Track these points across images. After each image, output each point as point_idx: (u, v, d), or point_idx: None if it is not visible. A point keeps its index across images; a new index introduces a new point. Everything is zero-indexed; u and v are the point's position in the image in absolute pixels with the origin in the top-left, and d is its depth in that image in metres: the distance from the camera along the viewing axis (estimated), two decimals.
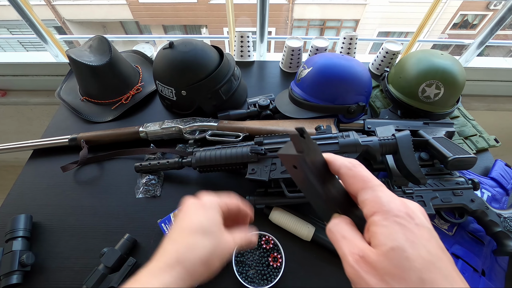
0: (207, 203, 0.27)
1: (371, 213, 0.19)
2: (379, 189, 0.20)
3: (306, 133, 0.20)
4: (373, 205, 0.19)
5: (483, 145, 0.66)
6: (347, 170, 0.21)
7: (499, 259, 0.51)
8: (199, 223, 0.25)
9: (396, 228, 0.17)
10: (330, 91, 0.62)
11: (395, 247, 0.16)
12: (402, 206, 0.18)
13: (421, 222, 0.18)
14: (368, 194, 0.20)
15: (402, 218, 0.17)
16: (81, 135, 0.67)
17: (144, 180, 0.61)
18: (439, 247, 0.17)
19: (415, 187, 0.51)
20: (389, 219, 0.18)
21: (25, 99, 1.12)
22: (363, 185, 0.20)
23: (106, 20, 4.54)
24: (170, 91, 0.68)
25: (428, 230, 0.18)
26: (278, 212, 0.54)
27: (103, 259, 0.47)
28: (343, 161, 0.22)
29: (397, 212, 0.18)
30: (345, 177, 0.21)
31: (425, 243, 0.17)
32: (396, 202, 0.19)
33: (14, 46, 3.75)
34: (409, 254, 0.16)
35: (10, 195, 0.61)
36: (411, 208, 0.19)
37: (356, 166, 0.21)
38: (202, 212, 0.26)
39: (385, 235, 0.17)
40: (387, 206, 0.18)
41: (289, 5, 4.24)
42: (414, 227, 0.17)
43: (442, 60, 0.62)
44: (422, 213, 0.19)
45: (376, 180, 0.20)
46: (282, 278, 0.48)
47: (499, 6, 2.82)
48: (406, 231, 0.17)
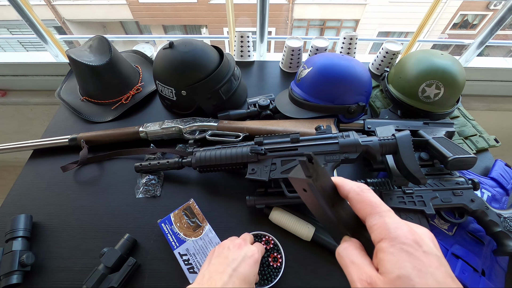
0: (259, 250, 0.40)
1: (379, 239, 0.19)
2: (387, 214, 0.20)
3: (315, 159, 0.21)
4: (380, 231, 0.19)
5: (483, 145, 0.66)
6: (355, 194, 0.22)
7: (499, 259, 0.51)
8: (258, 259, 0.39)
9: (403, 256, 0.17)
10: (330, 91, 0.62)
11: (402, 276, 0.16)
12: (410, 233, 0.18)
13: (429, 249, 0.18)
14: (375, 219, 0.20)
15: (409, 246, 0.18)
16: (81, 135, 0.67)
17: (144, 180, 0.61)
18: (448, 275, 0.17)
19: (415, 187, 0.51)
20: (396, 246, 0.18)
21: (25, 99, 1.12)
22: (371, 210, 0.20)
23: (106, 20, 4.54)
24: (170, 91, 0.68)
25: (437, 258, 0.18)
26: (278, 212, 0.54)
27: (103, 259, 0.47)
28: (352, 185, 0.22)
29: (404, 240, 0.18)
30: (353, 201, 0.22)
31: (433, 271, 0.17)
32: (404, 228, 0.19)
33: (14, 46, 3.75)
34: (416, 283, 0.16)
35: (10, 195, 0.61)
36: (419, 235, 0.18)
37: (365, 191, 0.22)
38: (258, 254, 0.40)
39: (392, 262, 0.17)
40: (394, 233, 0.18)
41: (289, 5, 4.24)
42: (422, 254, 0.17)
43: (442, 60, 0.62)
44: (431, 239, 0.19)
45: (384, 206, 0.21)
46: (282, 278, 0.48)
47: (499, 6, 2.82)
48: (413, 259, 0.17)
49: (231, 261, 0.35)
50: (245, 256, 0.37)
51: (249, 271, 0.35)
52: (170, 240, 0.51)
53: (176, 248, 0.50)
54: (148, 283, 0.49)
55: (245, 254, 0.37)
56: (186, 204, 0.55)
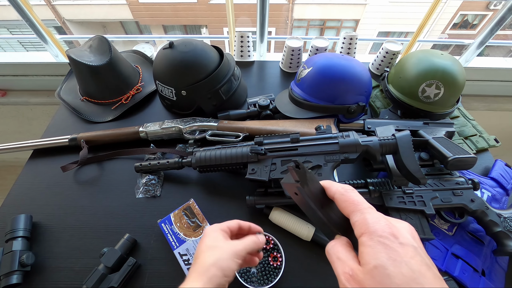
0: (209, 230, 0.36)
1: (360, 234, 0.21)
2: (367, 211, 0.22)
3: (301, 165, 0.23)
4: (361, 227, 0.21)
5: (483, 145, 0.66)
6: (340, 195, 0.23)
7: (499, 259, 0.51)
8: (206, 243, 0.34)
9: (380, 247, 0.19)
10: (330, 91, 0.62)
11: (378, 265, 0.18)
12: (387, 226, 0.20)
13: (405, 240, 0.19)
14: (357, 216, 0.22)
15: (386, 238, 0.19)
16: (81, 135, 0.67)
17: (144, 180, 0.61)
18: (424, 264, 0.18)
19: (415, 187, 0.51)
20: (374, 239, 0.19)
21: (25, 99, 1.12)
22: (354, 208, 0.22)
23: (106, 20, 4.54)
24: (170, 91, 0.68)
25: (413, 248, 0.19)
26: (278, 212, 0.54)
27: (103, 259, 0.47)
28: (337, 187, 0.24)
29: (381, 233, 0.19)
30: (338, 201, 0.23)
31: (407, 260, 0.18)
32: (381, 223, 0.20)
33: (14, 46, 3.74)
34: (390, 272, 0.18)
35: (10, 195, 0.61)
36: (397, 228, 0.20)
37: (348, 191, 0.23)
38: (207, 236, 0.35)
39: (370, 254, 0.19)
40: (373, 227, 0.20)
41: (289, 5, 4.23)
42: (398, 246, 0.19)
43: (442, 60, 0.62)
44: (409, 232, 0.21)
45: (365, 203, 0.22)
46: (282, 278, 0.48)
47: (499, 6, 2.82)
48: (389, 250, 0.19)
49: (195, 257, 0.34)
50: (200, 242, 0.35)
51: (204, 258, 0.32)
52: (170, 240, 0.51)
53: (176, 248, 0.50)
54: (148, 283, 0.49)
55: (200, 241, 0.35)
56: (186, 204, 0.55)
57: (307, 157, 0.50)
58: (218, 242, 0.34)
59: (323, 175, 0.48)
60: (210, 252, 0.33)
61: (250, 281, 0.48)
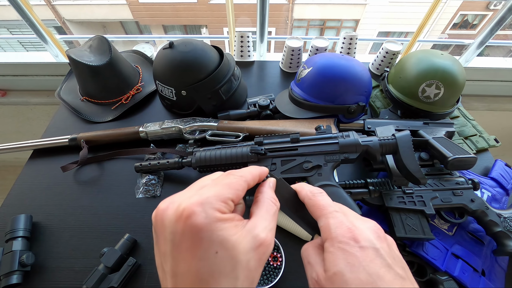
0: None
1: (324, 240, 0.21)
2: (331, 215, 0.21)
3: (268, 175, 0.24)
4: (325, 232, 0.21)
5: (483, 145, 0.66)
6: (308, 200, 0.23)
7: (499, 259, 0.51)
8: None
9: (339, 254, 0.19)
10: (330, 91, 0.62)
11: (337, 272, 0.18)
12: (348, 231, 0.20)
13: (366, 243, 0.19)
14: (322, 221, 0.22)
15: (346, 244, 0.19)
16: (81, 135, 0.67)
17: (144, 180, 0.61)
18: (384, 265, 0.18)
19: (415, 187, 0.51)
20: (334, 245, 0.19)
21: (25, 99, 1.12)
22: (320, 213, 0.22)
23: (106, 20, 4.54)
24: (170, 91, 0.68)
25: (373, 250, 0.19)
26: (278, 212, 0.53)
27: (103, 259, 0.47)
28: (306, 191, 0.24)
29: (341, 238, 0.19)
30: (308, 206, 0.23)
31: (366, 264, 0.18)
32: (343, 227, 0.20)
33: (14, 46, 3.75)
34: (348, 278, 0.18)
35: (10, 195, 0.61)
36: (360, 230, 0.20)
37: (316, 195, 0.23)
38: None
39: (330, 261, 0.19)
40: (334, 233, 0.20)
41: (289, 5, 4.24)
42: (357, 250, 0.19)
43: (442, 60, 0.62)
44: (374, 232, 0.20)
45: (330, 207, 0.22)
46: (282, 278, 0.48)
47: (499, 6, 2.82)
48: (348, 255, 0.19)
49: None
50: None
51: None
52: None
53: None
54: (148, 283, 0.49)
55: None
56: None
57: (307, 157, 0.49)
58: (236, 251, 0.18)
59: (323, 175, 0.47)
60: (226, 281, 0.17)
61: None
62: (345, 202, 0.43)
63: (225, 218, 0.18)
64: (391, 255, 0.19)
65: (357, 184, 0.51)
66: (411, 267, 0.50)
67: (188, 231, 0.17)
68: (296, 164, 0.49)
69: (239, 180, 0.21)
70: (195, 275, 0.17)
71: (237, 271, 0.17)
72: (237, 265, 0.17)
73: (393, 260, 0.19)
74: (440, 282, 0.47)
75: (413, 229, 0.47)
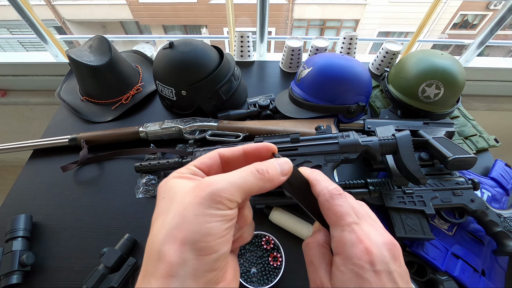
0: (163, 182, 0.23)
1: (335, 253, 0.19)
2: (349, 229, 0.19)
3: (277, 155, 0.22)
4: (337, 246, 0.19)
5: (483, 145, 0.66)
6: (324, 200, 0.21)
7: (499, 259, 0.51)
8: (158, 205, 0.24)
9: (351, 277, 0.18)
10: (330, 91, 0.62)
11: None
12: (364, 252, 0.18)
13: (382, 267, 0.18)
14: (337, 232, 0.20)
15: (361, 268, 0.18)
16: (81, 135, 0.67)
17: (144, 180, 0.61)
18: None
19: (415, 187, 0.51)
20: (347, 266, 0.18)
21: (25, 99, 1.11)
22: (335, 222, 0.20)
23: (106, 20, 4.54)
24: (170, 91, 0.68)
25: (387, 275, 0.18)
26: (278, 212, 0.54)
27: (103, 259, 0.47)
28: (322, 188, 0.21)
29: (356, 261, 0.18)
30: (321, 206, 0.21)
31: None
32: (360, 247, 0.18)
33: (14, 46, 3.75)
34: None
35: (10, 195, 0.61)
36: (375, 251, 0.18)
37: (334, 198, 0.21)
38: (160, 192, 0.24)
39: (340, 280, 0.18)
40: (349, 252, 0.18)
41: (289, 5, 4.24)
42: (371, 275, 0.17)
43: (442, 60, 0.62)
44: (390, 250, 0.19)
45: (349, 217, 0.20)
46: (282, 278, 0.48)
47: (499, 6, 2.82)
48: (360, 281, 0.17)
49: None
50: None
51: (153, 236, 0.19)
52: None
53: None
54: None
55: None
56: None
57: (307, 157, 0.49)
58: (176, 190, 0.19)
59: None
60: (161, 217, 0.18)
61: (250, 281, 0.48)
62: None
63: (179, 175, 0.20)
64: (401, 276, 0.18)
65: (357, 184, 0.51)
66: (411, 267, 0.50)
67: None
68: (296, 164, 0.49)
69: (211, 152, 0.22)
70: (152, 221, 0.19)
71: (171, 207, 0.18)
72: (173, 203, 0.18)
73: (401, 280, 0.18)
74: (440, 282, 0.47)
75: (413, 229, 0.47)
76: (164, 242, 0.16)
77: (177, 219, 0.17)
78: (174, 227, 0.16)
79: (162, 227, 0.17)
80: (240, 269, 0.49)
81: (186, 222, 0.16)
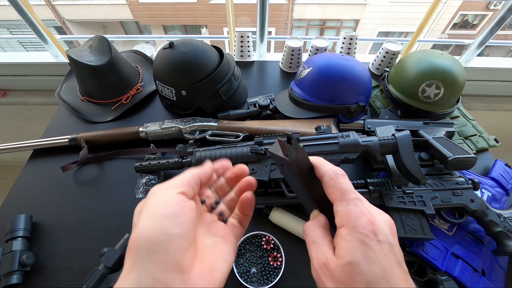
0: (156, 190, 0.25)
1: (340, 225, 0.21)
2: (353, 203, 0.21)
3: (294, 140, 0.22)
4: (343, 218, 0.21)
5: (483, 145, 0.66)
6: (329, 179, 0.23)
7: (499, 259, 0.51)
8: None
9: (357, 244, 0.19)
10: (330, 91, 0.62)
11: (352, 262, 0.19)
12: (369, 223, 0.20)
13: (384, 238, 0.20)
14: (341, 206, 0.21)
15: (366, 236, 0.19)
16: (81, 135, 0.67)
17: (144, 180, 0.61)
18: (395, 261, 0.19)
19: (415, 187, 0.51)
20: (353, 235, 0.20)
21: (25, 99, 1.12)
22: (340, 197, 0.22)
23: (106, 20, 4.54)
24: (170, 91, 0.68)
25: (389, 245, 0.19)
26: (278, 212, 0.54)
27: (103, 259, 0.47)
28: (327, 169, 0.23)
29: (361, 230, 0.20)
30: (326, 185, 0.23)
31: (381, 258, 0.19)
32: (364, 218, 0.20)
33: (14, 46, 3.75)
34: (363, 270, 0.18)
35: (10, 195, 0.61)
36: (378, 224, 0.20)
37: (339, 177, 0.23)
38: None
39: (347, 249, 0.19)
40: (355, 222, 0.20)
41: (289, 5, 4.24)
42: (375, 244, 0.19)
43: (442, 60, 0.62)
44: (389, 227, 0.21)
45: (353, 193, 0.22)
46: (282, 278, 0.48)
47: (499, 6, 2.82)
48: (366, 248, 0.19)
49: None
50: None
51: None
52: None
53: None
54: None
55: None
56: None
57: None
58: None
59: None
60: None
61: (250, 281, 0.48)
62: None
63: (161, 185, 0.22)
64: (399, 251, 0.20)
65: (357, 184, 0.51)
66: (411, 267, 0.50)
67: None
68: None
69: (188, 173, 0.24)
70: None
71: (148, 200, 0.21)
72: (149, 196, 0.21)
73: (401, 256, 0.20)
74: (440, 282, 0.47)
75: (413, 229, 0.47)
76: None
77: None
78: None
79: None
80: (240, 269, 0.49)
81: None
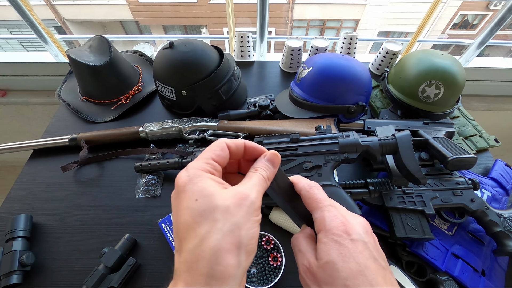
0: (188, 176, 0.22)
1: (318, 231, 0.23)
2: (327, 209, 0.23)
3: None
4: (319, 224, 0.23)
5: (483, 145, 0.66)
6: (305, 192, 0.25)
7: (499, 259, 0.51)
8: (191, 206, 0.22)
9: (332, 244, 0.21)
10: (330, 91, 0.62)
11: (329, 261, 0.20)
12: (341, 224, 0.22)
13: (357, 237, 0.21)
14: (317, 213, 0.23)
15: (339, 236, 0.21)
16: (81, 135, 0.67)
17: (144, 180, 0.61)
18: (370, 257, 0.21)
19: (415, 187, 0.51)
20: (328, 237, 0.21)
21: (25, 99, 1.12)
22: (316, 206, 0.24)
23: (106, 20, 4.54)
24: (170, 91, 0.68)
25: (362, 243, 0.21)
26: (278, 212, 0.54)
27: (103, 259, 0.47)
28: (303, 184, 0.25)
29: (335, 231, 0.21)
30: (304, 198, 0.25)
31: (356, 255, 0.20)
32: (337, 221, 0.22)
33: (14, 46, 3.75)
34: (339, 266, 0.20)
35: (10, 195, 0.61)
36: (351, 225, 0.22)
37: (313, 189, 0.25)
38: (189, 191, 0.23)
39: (324, 250, 0.21)
40: (329, 225, 0.22)
41: (289, 5, 4.24)
42: (349, 242, 0.21)
43: (442, 60, 0.62)
44: (363, 227, 0.22)
45: (326, 201, 0.24)
46: (282, 278, 0.48)
47: (499, 6, 2.82)
48: (340, 247, 0.21)
49: (178, 237, 0.21)
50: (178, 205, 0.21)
51: (199, 240, 0.18)
52: (170, 240, 0.51)
53: None
54: (148, 283, 0.49)
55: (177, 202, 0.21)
56: None
57: (307, 157, 0.49)
58: (214, 197, 0.19)
59: (323, 175, 0.47)
60: (206, 223, 0.18)
61: (250, 281, 0.48)
62: (345, 202, 0.43)
63: (204, 174, 0.20)
64: (376, 249, 0.22)
65: (357, 184, 0.51)
66: (411, 267, 0.50)
67: (177, 192, 0.20)
68: (296, 164, 0.49)
69: (218, 142, 0.23)
70: (184, 223, 0.19)
71: (215, 214, 0.18)
72: (215, 209, 0.19)
73: (377, 252, 0.21)
74: (440, 282, 0.47)
75: (413, 229, 0.47)
76: (220, 246, 0.18)
77: (229, 226, 0.18)
78: (228, 234, 0.18)
79: (213, 233, 0.18)
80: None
81: (238, 229, 0.18)
